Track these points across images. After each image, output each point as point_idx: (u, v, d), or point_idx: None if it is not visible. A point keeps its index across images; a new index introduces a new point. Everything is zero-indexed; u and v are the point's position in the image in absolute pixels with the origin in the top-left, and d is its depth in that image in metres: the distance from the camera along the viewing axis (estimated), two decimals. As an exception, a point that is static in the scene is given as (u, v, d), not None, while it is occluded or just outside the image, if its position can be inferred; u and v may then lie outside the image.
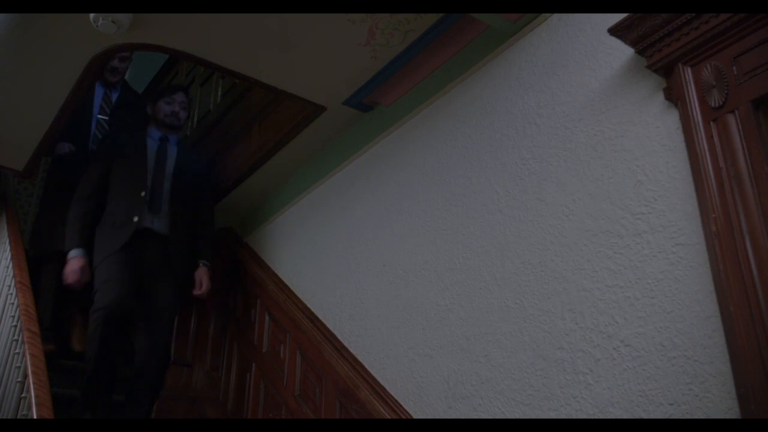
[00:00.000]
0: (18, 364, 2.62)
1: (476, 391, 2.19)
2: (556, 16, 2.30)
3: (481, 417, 2.15)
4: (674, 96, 1.82)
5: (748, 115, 1.67)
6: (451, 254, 2.45)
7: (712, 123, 1.73)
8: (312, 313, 3.09)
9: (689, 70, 1.80)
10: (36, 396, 2.34)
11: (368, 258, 2.87)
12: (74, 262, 3.15)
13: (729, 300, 1.59)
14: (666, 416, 1.67)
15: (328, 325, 2.99)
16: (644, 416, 1.70)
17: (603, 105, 2.04)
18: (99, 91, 4.04)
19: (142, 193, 3.29)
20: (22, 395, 2.45)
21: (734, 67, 1.70)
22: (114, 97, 4.13)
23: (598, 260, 1.93)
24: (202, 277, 3.36)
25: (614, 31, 1.93)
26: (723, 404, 1.57)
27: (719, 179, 1.69)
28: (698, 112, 1.76)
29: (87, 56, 2.67)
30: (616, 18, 1.92)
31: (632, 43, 1.91)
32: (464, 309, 2.32)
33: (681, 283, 1.72)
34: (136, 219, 3.22)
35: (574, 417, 1.87)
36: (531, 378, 2.02)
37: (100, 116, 4.04)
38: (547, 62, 2.29)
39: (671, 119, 1.84)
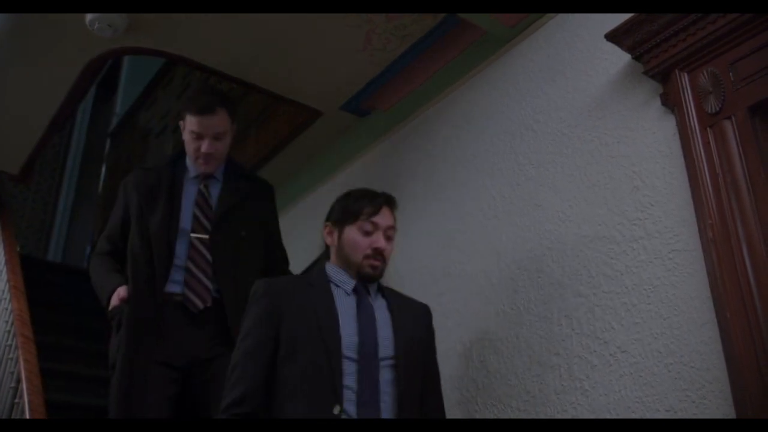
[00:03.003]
0: (11, 370, 2.60)
1: (472, 397, 2.18)
2: (552, 22, 2.30)
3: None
4: (671, 102, 1.82)
5: (744, 121, 1.67)
6: (447, 259, 2.44)
7: (708, 129, 1.73)
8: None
9: (686, 75, 1.80)
10: (29, 402, 2.32)
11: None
12: None
13: (725, 306, 1.59)
14: (662, 423, 1.66)
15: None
16: (641, 423, 1.70)
17: (600, 111, 2.04)
18: (191, 189, 2.30)
19: None
20: (15, 401, 2.43)
21: (731, 73, 1.70)
22: (214, 192, 2.31)
23: (595, 266, 1.93)
24: None
25: (611, 36, 1.93)
26: (719, 411, 1.56)
27: (716, 186, 1.68)
28: (695, 118, 1.76)
29: (83, 60, 2.66)
30: (613, 23, 1.92)
31: (629, 49, 1.91)
32: (460, 314, 2.31)
33: (677, 289, 1.72)
34: None
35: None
36: (527, 384, 2.01)
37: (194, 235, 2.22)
38: (544, 68, 2.29)
39: (668, 125, 1.84)
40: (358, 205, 1.84)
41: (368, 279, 1.82)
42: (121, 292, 2.10)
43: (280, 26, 2.50)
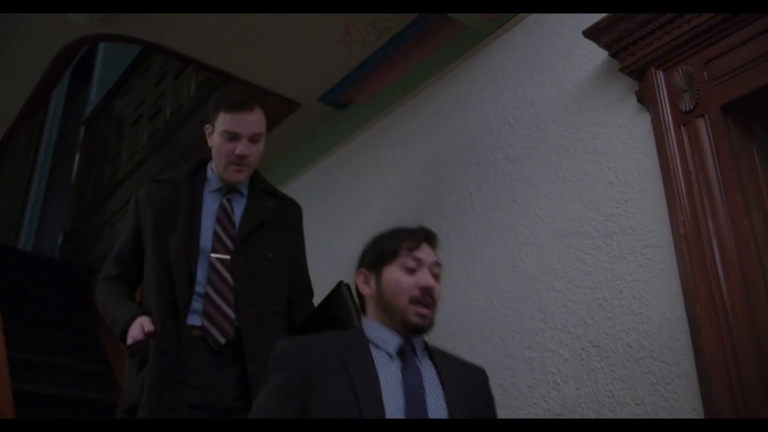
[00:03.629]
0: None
1: (445, 390, 2.19)
2: (532, 18, 2.31)
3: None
4: (646, 99, 1.83)
5: (717, 119, 1.69)
6: (423, 253, 2.44)
7: (682, 127, 1.75)
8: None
9: (661, 74, 1.82)
10: (-3, 391, 2.29)
11: (339, 255, 2.85)
12: None
13: (696, 302, 1.61)
14: (632, 416, 1.68)
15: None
16: (611, 416, 1.72)
17: (576, 107, 2.06)
18: (212, 203, 2.01)
19: None
20: (-16, 390, 2.40)
21: (705, 72, 1.72)
22: (238, 208, 2.01)
23: (569, 261, 1.94)
24: None
25: (589, 33, 1.94)
26: (687, 404, 1.58)
27: (689, 183, 1.71)
28: (669, 115, 1.78)
29: (57, 45, 2.62)
30: (591, 20, 1.94)
31: (606, 46, 1.92)
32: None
33: (649, 285, 1.74)
34: None
35: (542, 417, 1.88)
36: (500, 377, 2.02)
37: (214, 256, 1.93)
38: (522, 63, 2.30)
39: (643, 122, 1.85)
40: (395, 242, 1.54)
41: (417, 330, 1.49)
42: (146, 324, 1.78)
43: (258, 16, 2.48)
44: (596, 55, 2.01)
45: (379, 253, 1.54)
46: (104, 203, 5.11)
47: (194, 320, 1.79)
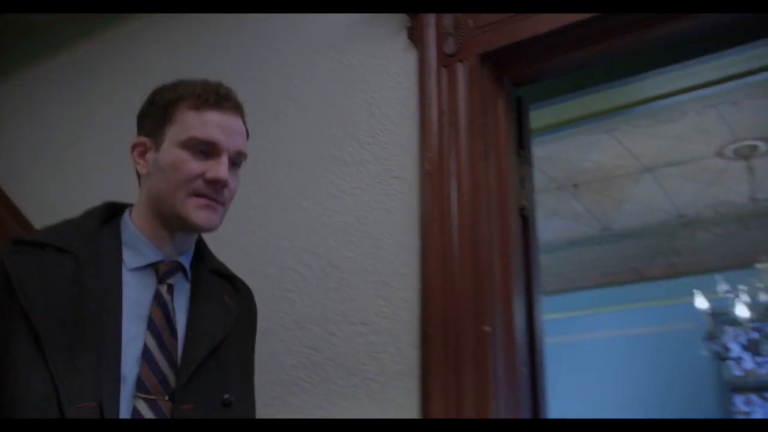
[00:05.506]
0: None
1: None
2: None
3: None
4: (415, 37, 1.89)
5: (475, 67, 1.79)
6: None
7: (443, 69, 1.83)
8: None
9: (433, 15, 1.88)
10: None
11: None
12: None
13: (429, 234, 1.72)
14: (357, 335, 1.77)
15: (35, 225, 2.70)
16: (338, 334, 1.79)
17: (352, 34, 2.06)
18: (139, 293, 1.21)
19: None
20: None
21: (471, 21, 1.81)
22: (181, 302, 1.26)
23: (321, 183, 1.97)
24: None
25: (373, -39, 1.94)
26: (408, 326, 1.70)
27: (440, 123, 1.80)
28: (434, 56, 1.85)
29: None
30: (376, -52, 1.94)
31: (387, -22, 1.94)
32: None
33: (391, 213, 1.82)
34: None
35: (274, 331, 1.90)
36: (239, 291, 2.01)
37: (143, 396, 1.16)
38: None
39: (410, 59, 1.91)
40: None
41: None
42: None
43: None
44: (378, -15, 2.02)
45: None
46: None
47: None
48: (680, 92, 3.23)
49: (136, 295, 1.17)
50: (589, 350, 6.74)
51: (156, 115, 1.24)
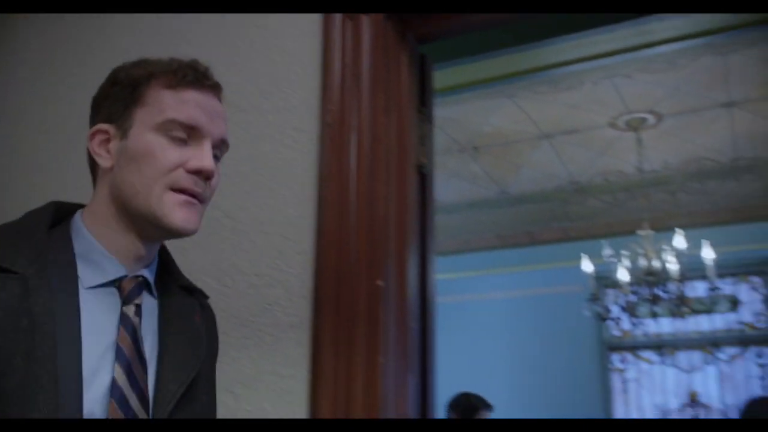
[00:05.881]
0: None
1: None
2: None
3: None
4: (322, -15, 1.85)
5: (380, 20, 1.77)
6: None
7: (349, 21, 1.80)
8: None
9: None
10: None
11: None
12: None
13: (327, 187, 1.71)
14: (250, 286, 1.75)
15: None
16: (228, 282, 1.76)
17: (256, -22, 1.99)
18: (100, 317, 1.01)
19: None
20: None
21: (378, -27, 1.78)
22: (149, 324, 1.08)
23: (219, 131, 1.91)
24: None
25: None
26: (300, 279, 1.69)
27: (343, 76, 1.77)
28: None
29: None
30: None
31: None
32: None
33: (290, 165, 1.79)
34: None
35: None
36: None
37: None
38: None
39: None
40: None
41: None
42: None
43: None
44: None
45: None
46: None
47: None
48: (578, 61, 3.34)
49: (96, 320, 0.98)
50: (480, 310, 6.98)
51: (120, 95, 1.05)
